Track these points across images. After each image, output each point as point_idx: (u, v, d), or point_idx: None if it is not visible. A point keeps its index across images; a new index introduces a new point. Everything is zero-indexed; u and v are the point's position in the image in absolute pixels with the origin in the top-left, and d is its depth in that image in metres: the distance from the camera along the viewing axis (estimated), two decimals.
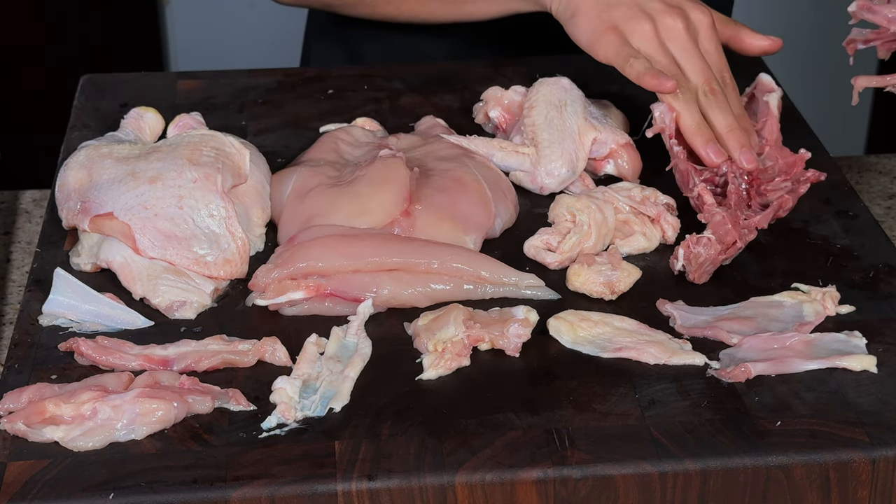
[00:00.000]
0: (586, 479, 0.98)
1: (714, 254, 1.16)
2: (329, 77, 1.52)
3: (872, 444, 1.00)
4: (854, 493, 1.00)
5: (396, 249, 1.16)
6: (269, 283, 1.15)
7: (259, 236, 1.23)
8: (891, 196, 1.57)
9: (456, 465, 0.98)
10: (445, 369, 1.08)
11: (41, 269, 1.20)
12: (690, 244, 1.17)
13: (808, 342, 1.10)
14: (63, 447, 1.00)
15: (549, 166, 1.28)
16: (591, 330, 1.11)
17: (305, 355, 1.09)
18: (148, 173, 1.19)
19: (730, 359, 1.09)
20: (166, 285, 1.15)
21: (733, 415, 1.03)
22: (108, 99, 1.47)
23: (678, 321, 1.13)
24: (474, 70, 1.52)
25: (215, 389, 1.05)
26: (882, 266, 1.20)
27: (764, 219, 1.21)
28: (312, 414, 1.03)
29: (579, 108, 1.31)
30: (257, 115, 1.44)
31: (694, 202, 1.24)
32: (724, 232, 1.17)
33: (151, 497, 0.96)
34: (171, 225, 1.17)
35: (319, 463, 0.99)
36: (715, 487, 0.99)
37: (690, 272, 1.17)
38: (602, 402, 1.04)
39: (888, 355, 1.09)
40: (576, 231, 1.20)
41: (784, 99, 1.36)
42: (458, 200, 1.23)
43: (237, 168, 1.22)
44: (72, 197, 1.21)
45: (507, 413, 1.03)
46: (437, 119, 1.39)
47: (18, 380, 1.07)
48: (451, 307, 1.11)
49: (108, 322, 1.13)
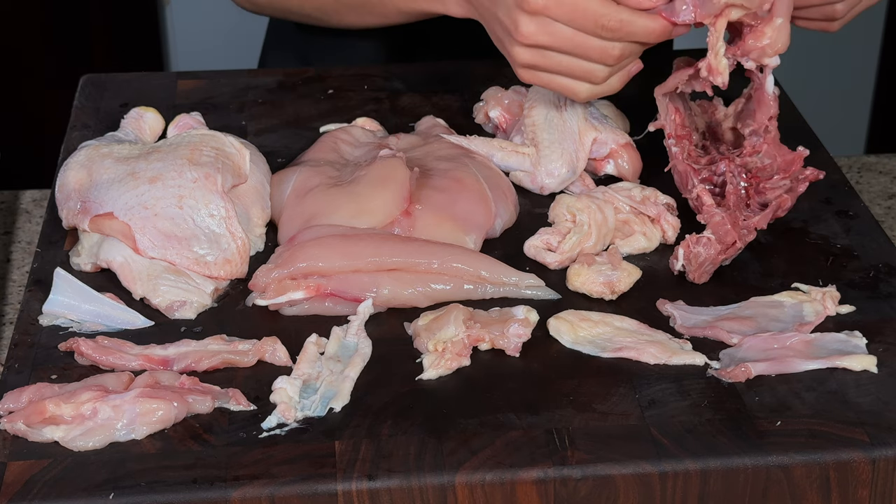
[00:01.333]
0: (586, 479, 0.98)
1: (714, 254, 1.16)
2: (329, 77, 1.52)
3: (872, 444, 1.00)
4: (854, 493, 1.00)
5: (396, 249, 1.16)
6: (269, 283, 1.15)
7: (259, 236, 1.23)
8: (891, 196, 1.57)
9: (456, 465, 0.98)
10: (445, 369, 1.08)
11: (41, 269, 1.20)
12: (690, 244, 1.17)
13: (808, 342, 1.10)
14: (63, 447, 1.00)
15: (550, 166, 1.28)
16: (591, 330, 1.11)
17: (305, 355, 1.09)
18: (148, 173, 1.19)
19: (730, 359, 1.09)
20: (166, 285, 1.15)
21: (733, 415, 1.03)
22: (108, 99, 1.47)
23: (678, 321, 1.13)
24: (474, 70, 1.52)
25: (215, 389, 1.05)
26: (882, 266, 1.20)
27: (763, 219, 1.21)
28: (312, 414, 1.03)
29: (579, 108, 1.31)
30: (257, 115, 1.44)
31: (693, 203, 1.24)
32: (723, 232, 1.17)
33: (151, 497, 0.96)
34: (171, 225, 1.17)
35: (319, 463, 0.99)
36: (715, 487, 0.99)
37: (690, 272, 1.18)
38: (602, 402, 1.04)
39: (888, 355, 1.09)
40: (576, 231, 1.20)
41: (784, 99, 1.36)
42: (458, 200, 1.23)
43: (237, 168, 1.22)
44: (72, 197, 1.21)
45: (507, 413, 1.03)
46: (437, 119, 1.39)
47: (18, 380, 1.07)
48: (451, 307, 1.11)
49: (108, 322, 1.13)
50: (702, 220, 1.20)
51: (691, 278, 1.18)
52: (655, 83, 1.25)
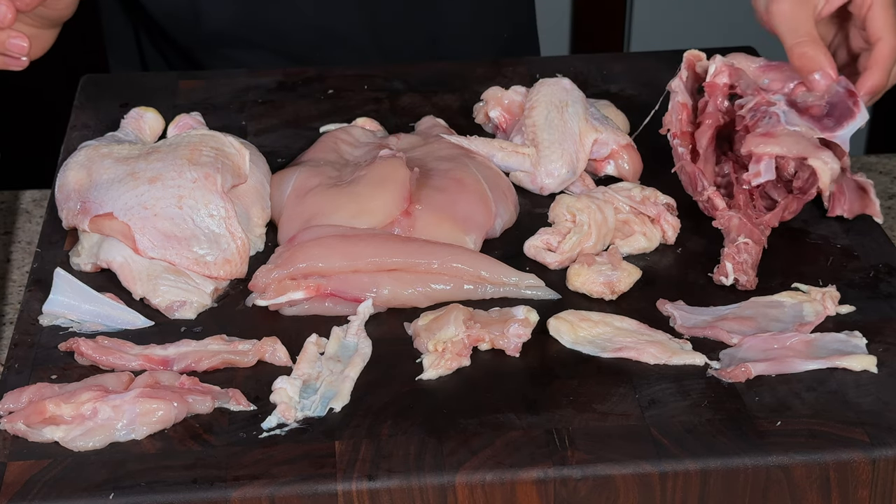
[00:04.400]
0: (586, 479, 0.98)
1: (755, 255, 1.17)
2: (329, 77, 1.52)
3: (872, 444, 1.00)
4: (854, 493, 1.00)
5: (396, 249, 1.16)
6: (269, 284, 1.15)
7: (259, 236, 1.23)
8: (891, 196, 1.57)
9: (456, 465, 0.98)
10: (445, 369, 1.08)
11: (41, 269, 1.20)
12: (734, 255, 1.17)
13: (808, 342, 1.10)
14: (63, 447, 1.00)
15: (550, 167, 1.28)
16: (591, 330, 1.11)
17: (305, 355, 1.09)
18: (148, 173, 1.19)
19: (730, 359, 1.09)
20: (166, 285, 1.15)
21: (733, 415, 1.03)
22: (108, 99, 1.47)
23: (678, 321, 1.13)
24: (474, 70, 1.52)
25: (215, 389, 1.05)
26: (882, 266, 1.20)
27: (774, 217, 1.21)
28: (312, 414, 1.03)
29: (580, 108, 1.31)
30: (257, 115, 1.44)
31: (703, 205, 1.24)
32: (749, 231, 1.18)
33: (151, 497, 0.96)
34: (170, 225, 1.17)
35: (319, 463, 0.99)
36: (715, 487, 0.99)
37: (747, 281, 1.16)
38: (602, 402, 1.04)
39: (888, 355, 1.09)
40: (576, 231, 1.20)
41: None
42: (458, 200, 1.23)
43: (237, 168, 1.22)
44: (72, 197, 1.21)
45: (507, 413, 1.03)
46: (437, 119, 1.39)
47: (18, 380, 1.07)
48: (451, 307, 1.11)
49: (108, 322, 1.13)
50: (718, 225, 1.20)
51: (748, 286, 1.16)
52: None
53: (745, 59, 1.27)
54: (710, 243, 1.22)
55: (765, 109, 1.21)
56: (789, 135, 1.19)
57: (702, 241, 1.23)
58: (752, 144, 1.19)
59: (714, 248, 1.21)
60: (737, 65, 1.26)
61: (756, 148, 1.19)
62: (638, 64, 1.53)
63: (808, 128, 1.20)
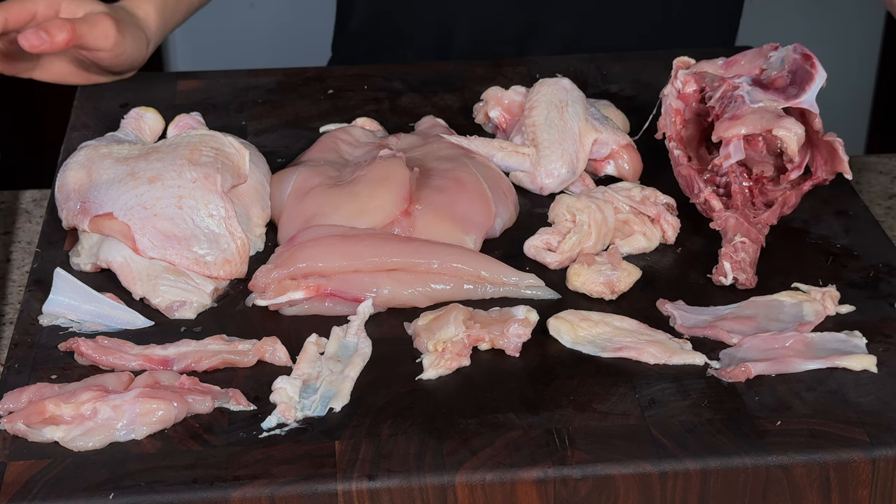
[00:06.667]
0: (586, 479, 0.98)
1: (753, 253, 1.17)
2: (329, 77, 1.52)
3: (872, 443, 1.00)
4: (854, 493, 1.00)
5: (396, 249, 1.16)
6: (269, 284, 1.15)
7: (259, 236, 1.23)
8: (891, 196, 1.57)
9: (456, 465, 0.98)
10: (445, 369, 1.08)
11: (41, 269, 1.20)
12: (732, 254, 1.17)
13: (808, 342, 1.10)
14: (63, 447, 1.00)
15: (549, 167, 1.28)
16: (591, 330, 1.11)
17: (305, 355, 1.09)
18: (147, 173, 1.19)
19: (730, 359, 1.09)
20: (166, 285, 1.15)
21: (733, 415, 1.03)
22: (108, 99, 1.47)
23: (678, 321, 1.13)
24: (474, 70, 1.52)
25: (215, 389, 1.05)
26: (882, 266, 1.20)
27: (772, 215, 1.21)
28: (312, 414, 1.03)
29: (580, 108, 1.31)
30: (257, 115, 1.44)
31: (701, 207, 1.24)
32: (745, 230, 1.18)
33: (151, 497, 0.96)
34: (170, 225, 1.17)
35: (319, 463, 0.99)
36: (715, 487, 0.99)
37: (746, 279, 1.16)
38: (602, 402, 1.04)
39: (888, 355, 1.09)
40: (576, 231, 1.20)
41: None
42: (458, 200, 1.23)
43: (237, 168, 1.22)
44: (71, 197, 1.21)
45: (507, 413, 1.03)
46: (437, 119, 1.39)
47: (18, 380, 1.07)
48: (451, 307, 1.11)
49: (108, 322, 1.13)
50: (716, 226, 1.20)
51: (747, 284, 1.16)
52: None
53: (706, 64, 1.30)
54: (710, 243, 1.22)
55: (731, 94, 1.23)
56: (753, 112, 1.21)
57: (702, 241, 1.23)
58: (720, 130, 1.21)
59: (714, 247, 1.21)
60: (699, 70, 1.27)
61: (724, 133, 1.21)
62: (638, 64, 1.53)
63: (772, 100, 1.22)
